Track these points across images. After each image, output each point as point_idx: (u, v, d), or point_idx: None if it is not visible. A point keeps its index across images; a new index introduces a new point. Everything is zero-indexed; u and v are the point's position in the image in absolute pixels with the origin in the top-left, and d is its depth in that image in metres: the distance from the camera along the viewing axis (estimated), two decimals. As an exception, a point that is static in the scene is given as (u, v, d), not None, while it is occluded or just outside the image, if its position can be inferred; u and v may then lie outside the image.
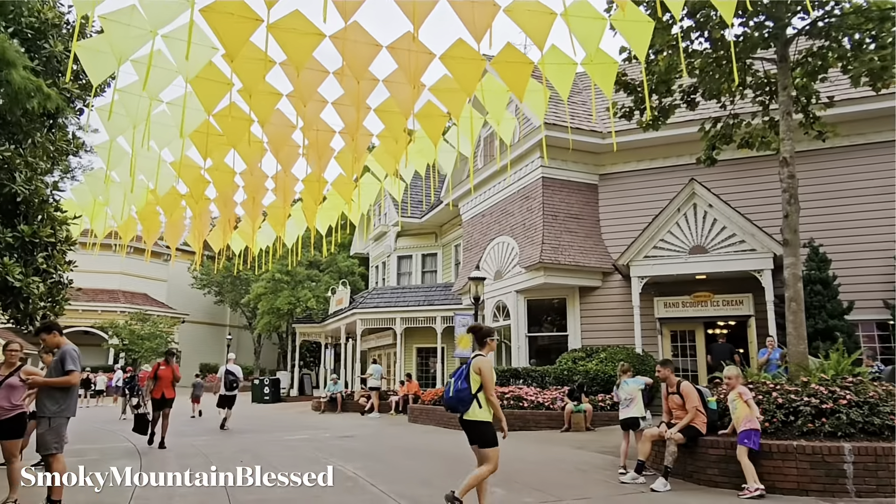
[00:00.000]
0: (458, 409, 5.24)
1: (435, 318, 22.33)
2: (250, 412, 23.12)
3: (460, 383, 5.25)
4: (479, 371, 5.24)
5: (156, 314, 40.71)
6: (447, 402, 5.39)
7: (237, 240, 17.72)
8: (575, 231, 16.25)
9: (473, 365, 5.29)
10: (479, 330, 5.66)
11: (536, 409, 13.43)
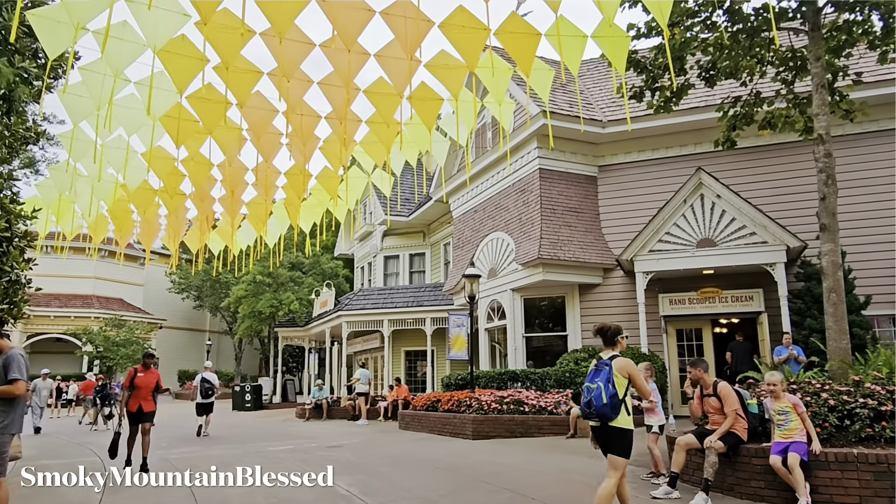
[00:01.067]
0: (609, 416, 4.73)
1: (424, 319, 21.38)
2: (231, 420, 21.96)
3: (610, 388, 4.75)
4: (628, 374, 4.85)
5: (132, 320, 39.26)
6: (599, 411, 4.76)
7: (216, 240, 16.79)
8: (574, 225, 15.42)
9: (618, 367, 4.83)
10: (607, 330, 5.10)
11: (538, 414, 12.55)
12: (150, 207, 14.53)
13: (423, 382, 22.50)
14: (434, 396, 15.31)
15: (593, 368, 5.00)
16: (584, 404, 4.87)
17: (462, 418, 13.13)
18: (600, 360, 4.97)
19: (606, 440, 4.87)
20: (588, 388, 4.89)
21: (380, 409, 19.80)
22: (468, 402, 13.44)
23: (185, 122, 9.66)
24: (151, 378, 9.72)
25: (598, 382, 4.81)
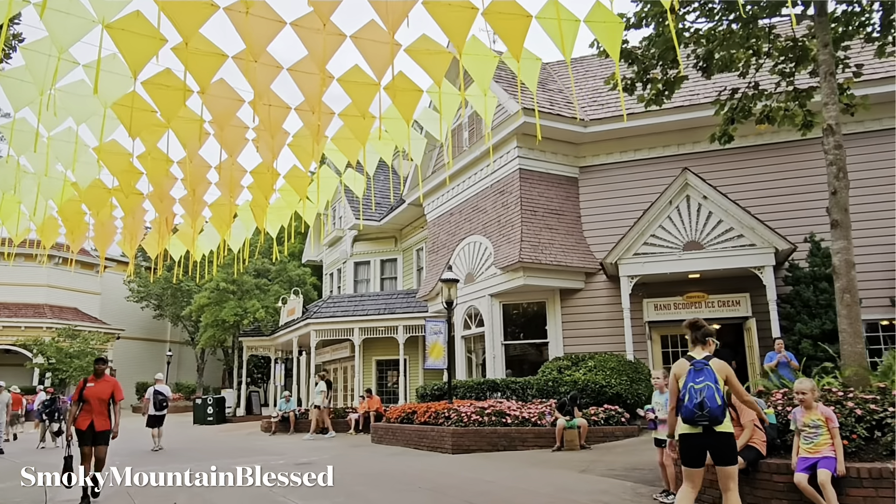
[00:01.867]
0: (720, 420, 4.43)
1: (396, 327, 20.58)
2: (192, 435, 20.78)
3: (719, 388, 4.48)
4: (726, 377, 4.63)
5: (87, 330, 37.44)
6: (713, 413, 4.40)
7: (176, 244, 15.78)
8: (555, 228, 14.85)
9: (717, 368, 4.59)
10: (701, 327, 4.81)
11: (522, 426, 11.86)
12: (104, 208, 13.55)
13: (394, 393, 21.67)
14: (409, 408, 14.52)
15: (690, 369, 4.61)
16: (694, 406, 4.44)
17: (440, 431, 12.37)
18: (695, 360, 4.63)
19: (716, 447, 4.49)
20: (693, 389, 4.48)
21: (350, 421, 18.89)
22: (446, 414, 12.69)
23: (140, 111, 8.81)
24: (105, 388, 7.92)
25: (706, 382, 4.44)
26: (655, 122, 14.31)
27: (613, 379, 12.45)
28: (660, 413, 6.78)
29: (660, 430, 6.83)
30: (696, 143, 14.49)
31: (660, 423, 6.82)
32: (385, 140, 11.65)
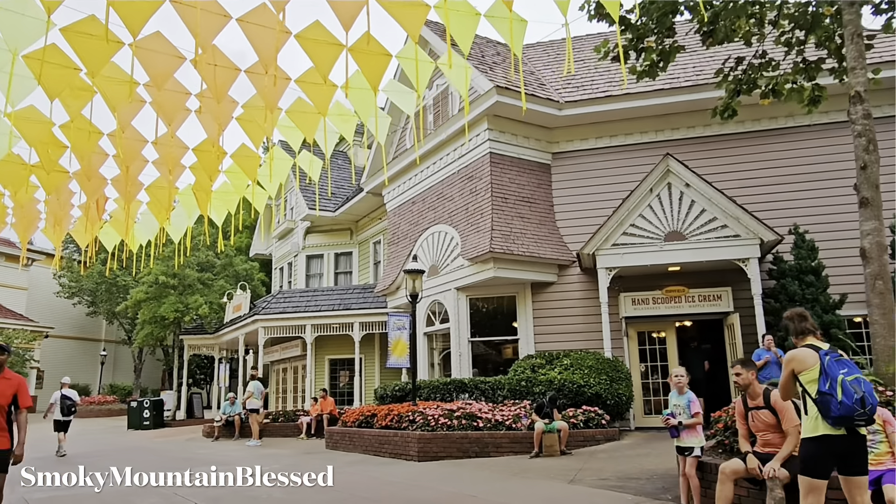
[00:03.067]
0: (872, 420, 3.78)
1: (352, 324, 19.29)
2: (124, 442, 18.98)
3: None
4: None
5: (10, 327, 34.58)
6: (873, 412, 3.68)
7: (109, 233, 14.26)
8: (527, 217, 13.90)
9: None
10: (806, 317, 4.22)
11: (495, 430, 10.84)
12: (22, 188, 11.93)
13: (349, 394, 20.35)
14: (368, 410, 13.32)
15: (829, 360, 3.82)
16: (855, 402, 3.62)
17: (405, 436, 11.23)
18: (827, 350, 3.92)
19: (857, 453, 3.83)
20: (847, 383, 3.68)
21: (301, 425, 17.51)
22: (411, 417, 11.56)
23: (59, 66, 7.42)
24: (4, 389, 5.57)
25: (855, 374, 3.69)
26: (634, 106, 13.53)
27: (592, 378, 11.55)
28: (681, 417, 5.83)
29: (684, 438, 5.87)
30: (675, 129, 13.78)
31: (683, 430, 5.86)
32: (346, 116, 10.42)
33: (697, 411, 5.80)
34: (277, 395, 23.64)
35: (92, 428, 25.77)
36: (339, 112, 10.09)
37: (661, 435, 11.73)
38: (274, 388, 24.08)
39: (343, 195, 22.81)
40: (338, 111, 10.37)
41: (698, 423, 5.84)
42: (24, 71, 7.84)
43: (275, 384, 23.98)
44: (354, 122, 10.09)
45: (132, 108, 9.05)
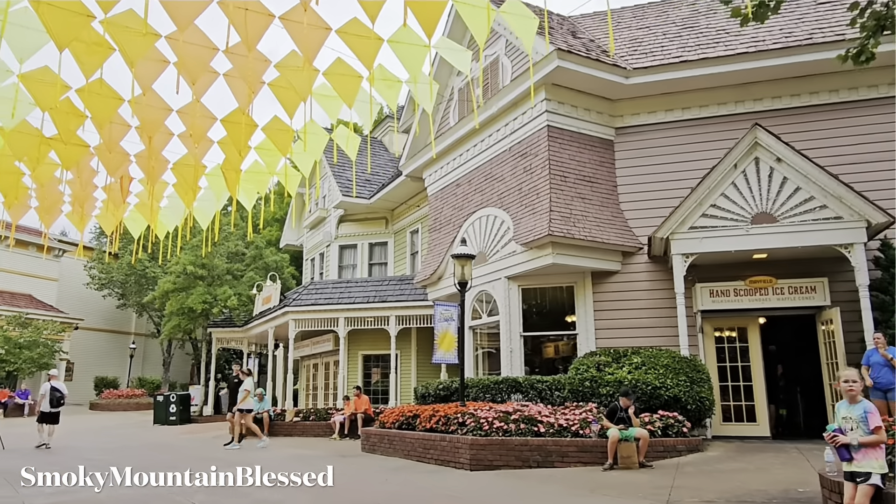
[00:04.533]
0: None
1: (388, 317, 18.01)
2: (150, 438, 17.99)
3: None
4: None
5: (41, 318, 34.14)
6: None
7: (136, 219, 13.11)
8: (589, 198, 12.43)
9: None
10: None
11: (559, 437, 9.41)
12: (41, 163, 10.86)
13: (384, 393, 19.08)
14: (409, 410, 12.00)
15: None
16: None
17: (454, 441, 9.87)
18: None
19: None
20: None
21: (334, 424, 16.30)
22: (460, 419, 10.21)
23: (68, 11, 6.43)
24: None
25: None
26: (712, 73, 11.98)
27: (669, 379, 10.05)
28: (855, 434, 4.35)
29: (858, 461, 4.38)
30: (758, 99, 12.19)
31: (856, 451, 4.38)
32: (390, 81, 9.08)
33: (878, 425, 4.32)
34: (307, 393, 22.52)
35: (118, 422, 24.98)
36: (383, 76, 8.62)
37: (748, 446, 10.19)
38: (304, 385, 22.97)
39: (378, 182, 21.58)
40: (381, 75, 8.89)
41: (880, 442, 4.35)
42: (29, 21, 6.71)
43: (305, 381, 22.86)
44: (399, 89, 8.64)
45: (152, 69, 7.74)
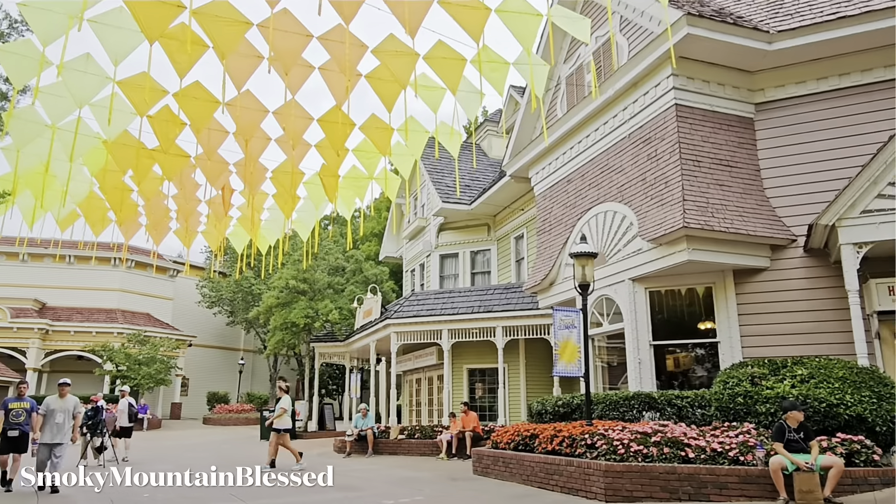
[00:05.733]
0: None
1: (494, 328, 16.85)
2: (257, 453, 17.70)
3: None
4: None
5: (157, 336, 35.67)
6: None
7: (238, 233, 12.69)
8: (727, 185, 10.77)
9: None
10: None
11: (713, 464, 7.83)
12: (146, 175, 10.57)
13: (490, 409, 17.88)
14: (525, 429, 10.74)
15: None
16: None
17: (583, 466, 8.52)
18: None
19: None
20: None
21: (440, 443, 15.27)
22: (588, 441, 8.84)
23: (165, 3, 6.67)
24: None
25: None
26: (877, 29, 10.05)
27: (848, 395, 8.22)
28: None
29: None
30: (937, 57, 10.12)
31: None
32: (497, 63, 8.03)
33: None
34: (411, 409, 21.69)
35: (226, 437, 25.21)
36: (488, 59, 7.50)
37: None
38: (407, 401, 22.19)
39: (478, 188, 20.57)
40: (487, 57, 7.75)
41: None
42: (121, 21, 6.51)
43: (408, 396, 22.06)
44: (506, 72, 7.46)
45: (245, 65, 7.07)
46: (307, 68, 8.45)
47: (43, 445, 9.25)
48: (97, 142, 9.61)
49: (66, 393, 9.65)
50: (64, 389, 9.71)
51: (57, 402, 9.58)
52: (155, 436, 26.82)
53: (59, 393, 9.68)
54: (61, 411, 9.47)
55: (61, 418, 9.39)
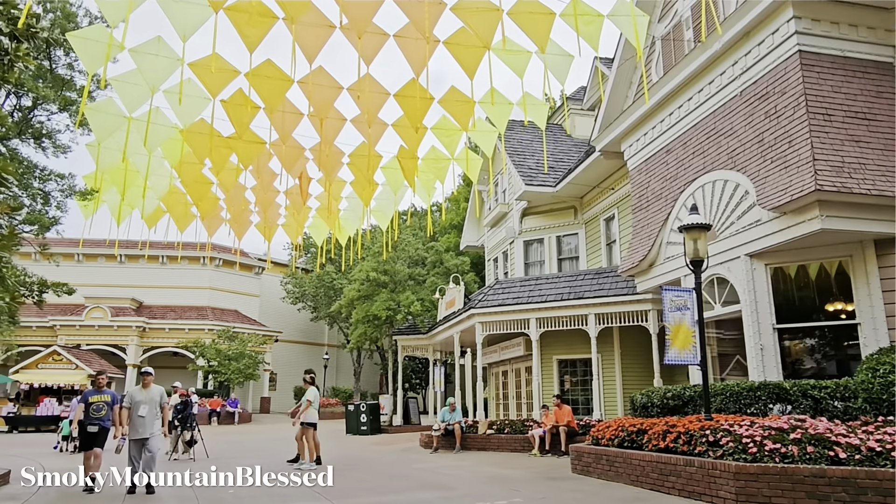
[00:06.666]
0: None
1: (586, 316, 15.72)
2: (343, 448, 17.39)
3: None
4: None
5: (245, 332, 36.52)
6: None
7: (318, 225, 12.30)
8: (865, 141, 9.26)
9: None
10: None
11: (870, 465, 6.54)
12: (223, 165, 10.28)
13: (584, 402, 16.77)
14: (631, 424, 9.66)
15: None
16: None
17: (708, 467, 7.40)
18: None
19: None
20: None
21: (532, 438, 14.34)
22: (710, 437, 7.72)
23: None
24: None
25: None
26: None
27: None
28: None
29: None
30: None
31: None
32: (590, 16, 7.23)
33: None
34: (497, 402, 20.85)
35: (313, 431, 25.21)
36: (581, 12, 6.82)
37: None
38: (493, 394, 21.35)
39: (562, 170, 19.42)
40: (579, 10, 7.04)
41: None
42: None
43: (494, 389, 21.22)
44: (601, 25, 6.78)
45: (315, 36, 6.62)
46: (381, 36, 7.75)
47: (133, 442, 8.56)
48: (174, 132, 9.30)
49: (149, 383, 8.97)
50: (147, 379, 9.05)
51: (141, 393, 8.87)
52: (245, 429, 27.28)
53: (143, 383, 9.01)
54: (146, 403, 8.75)
55: (145, 410, 8.67)
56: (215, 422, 29.64)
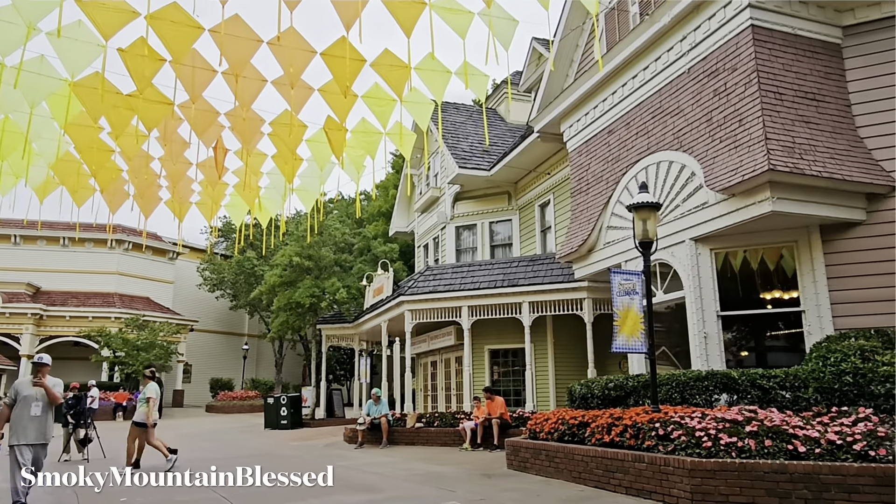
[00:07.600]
0: None
1: (520, 304, 15.13)
2: (256, 445, 16.13)
3: None
4: None
5: (157, 320, 34.14)
6: None
7: (236, 204, 11.02)
8: (815, 122, 8.96)
9: None
10: None
11: (830, 460, 6.12)
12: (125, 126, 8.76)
13: (515, 394, 16.23)
14: (572, 416, 9.06)
15: None
16: None
17: (659, 463, 6.84)
18: None
19: None
20: None
21: (464, 432, 13.61)
22: (659, 430, 7.18)
23: None
24: None
25: None
26: None
27: None
28: None
29: None
30: None
31: None
32: None
33: None
34: (426, 394, 20.08)
35: (229, 425, 23.70)
36: None
37: None
38: (421, 386, 20.58)
39: (497, 153, 18.78)
40: None
41: None
42: None
43: (422, 380, 20.45)
44: None
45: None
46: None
47: (24, 447, 6.55)
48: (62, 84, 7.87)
49: (45, 374, 6.90)
50: (44, 370, 6.92)
51: (30, 387, 6.79)
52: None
53: (38, 375, 6.85)
54: (39, 399, 6.77)
55: (38, 409, 6.72)
56: (121, 417, 27.43)
